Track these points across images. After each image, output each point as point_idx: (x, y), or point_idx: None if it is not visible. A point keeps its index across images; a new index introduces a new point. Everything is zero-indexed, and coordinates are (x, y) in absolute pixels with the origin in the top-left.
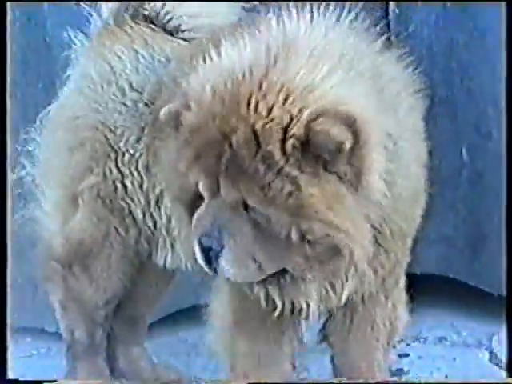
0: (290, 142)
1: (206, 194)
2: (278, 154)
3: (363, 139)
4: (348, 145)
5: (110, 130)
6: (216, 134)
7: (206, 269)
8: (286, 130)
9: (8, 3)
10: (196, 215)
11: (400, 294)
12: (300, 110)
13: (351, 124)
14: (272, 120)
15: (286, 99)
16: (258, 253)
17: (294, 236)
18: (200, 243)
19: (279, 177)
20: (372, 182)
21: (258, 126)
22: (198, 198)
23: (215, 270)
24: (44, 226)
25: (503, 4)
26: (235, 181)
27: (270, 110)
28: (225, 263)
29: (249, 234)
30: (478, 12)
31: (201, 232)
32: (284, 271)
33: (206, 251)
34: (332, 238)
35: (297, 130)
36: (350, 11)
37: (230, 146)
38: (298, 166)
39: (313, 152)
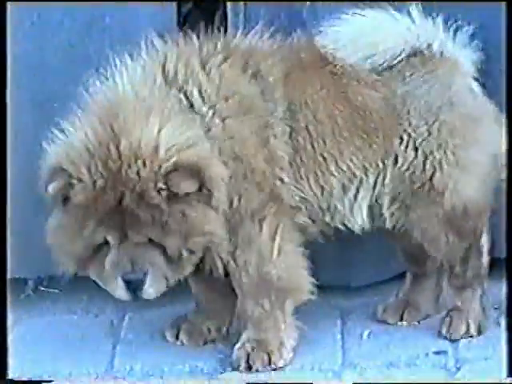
0: (164, 193)
1: (115, 243)
2: (161, 202)
3: (207, 177)
4: (194, 189)
5: None
6: (110, 203)
7: (127, 298)
8: (156, 184)
9: (8, 3)
10: (110, 261)
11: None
12: (159, 167)
13: (197, 174)
14: (144, 181)
15: (144, 163)
16: (167, 272)
17: (185, 253)
18: (124, 280)
19: (170, 215)
20: (219, 197)
21: (138, 189)
22: (97, 251)
23: (136, 297)
24: None
25: (503, 4)
26: (139, 227)
27: (138, 174)
28: (147, 287)
29: (159, 260)
30: None
31: (123, 271)
32: None
33: (132, 284)
34: (207, 242)
35: (162, 183)
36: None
37: (125, 206)
38: (178, 204)
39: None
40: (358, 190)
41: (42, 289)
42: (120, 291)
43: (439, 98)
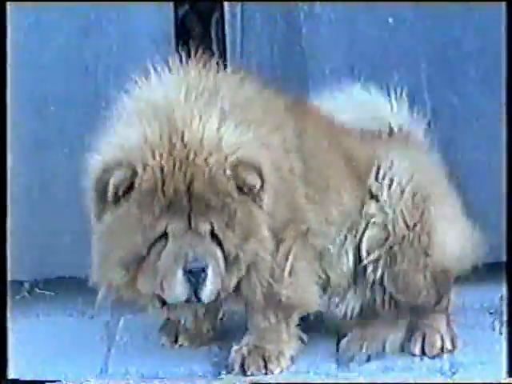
0: (232, 182)
1: (176, 233)
2: (231, 189)
3: (265, 178)
4: (258, 185)
5: None
6: (179, 188)
7: (186, 296)
8: (225, 171)
9: (8, 3)
10: (171, 251)
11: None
12: (225, 158)
13: (259, 171)
14: (213, 167)
15: (210, 154)
16: (223, 272)
17: (241, 254)
18: (186, 271)
19: (239, 205)
20: (267, 204)
21: (207, 174)
22: (153, 247)
23: (195, 293)
24: None
25: (503, 4)
26: (207, 213)
27: (206, 162)
28: (209, 283)
29: (219, 256)
30: None
31: (186, 260)
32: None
33: (194, 277)
34: (258, 250)
35: (230, 172)
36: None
37: (194, 191)
38: (245, 197)
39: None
40: (345, 236)
41: (38, 291)
42: (179, 288)
43: (411, 165)
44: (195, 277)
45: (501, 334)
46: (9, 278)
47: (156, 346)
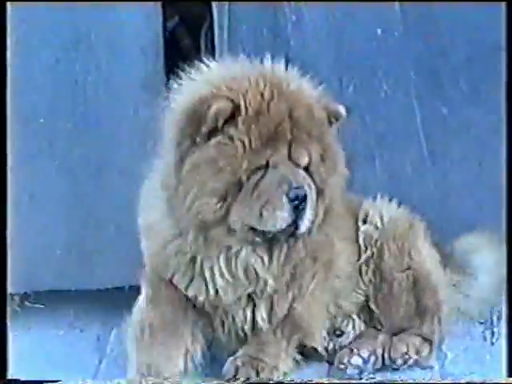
0: (325, 114)
1: (280, 162)
2: (326, 120)
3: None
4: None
5: None
6: (281, 114)
7: (290, 221)
8: (319, 102)
9: (8, 3)
10: (274, 179)
11: None
12: (311, 91)
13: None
14: (309, 98)
15: (301, 84)
16: (314, 200)
17: (326, 188)
18: (289, 197)
19: (331, 137)
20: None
21: (305, 103)
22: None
23: (295, 221)
24: None
25: (503, 4)
26: (306, 144)
27: (300, 89)
28: (308, 210)
29: (312, 186)
30: None
31: (289, 187)
32: None
33: (298, 201)
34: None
35: (322, 105)
36: None
37: (295, 118)
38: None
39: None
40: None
41: (29, 304)
42: (284, 213)
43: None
44: (298, 203)
45: (492, 344)
46: None
47: None
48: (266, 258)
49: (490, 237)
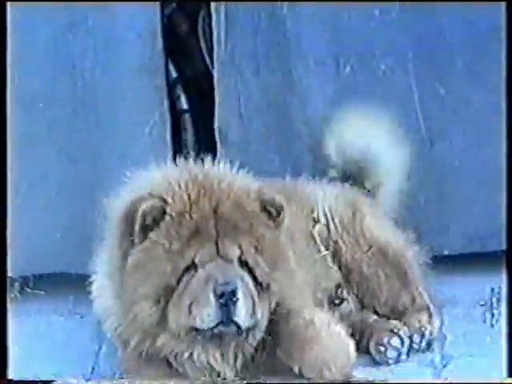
0: (258, 203)
1: (207, 260)
2: (257, 210)
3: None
4: (284, 205)
5: None
6: (206, 212)
7: (218, 318)
8: (249, 195)
9: (8, 3)
10: (201, 277)
11: None
12: (247, 185)
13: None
14: (238, 191)
15: (233, 180)
16: (254, 295)
17: (272, 284)
18: (216, 294)
19: (266, 226)
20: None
21: (233, 197)
22: (181, 277)
23: (227, 316)
24: None
25: (503, 4)
26: (233, 237)
27: (231, 187)
28: (240, 304)
29: (248, 279)
30: None
31: (214, 284)
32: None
33: (225, 298)
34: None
35: (255, 195)
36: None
37: (220, 214)
38: (271, 221)
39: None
40: None
41: (28, 290)
42: (212, 311)
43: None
44: (226, 299)
45: (492, 326)
46: None
47: None
48: (217, 354)
49: None
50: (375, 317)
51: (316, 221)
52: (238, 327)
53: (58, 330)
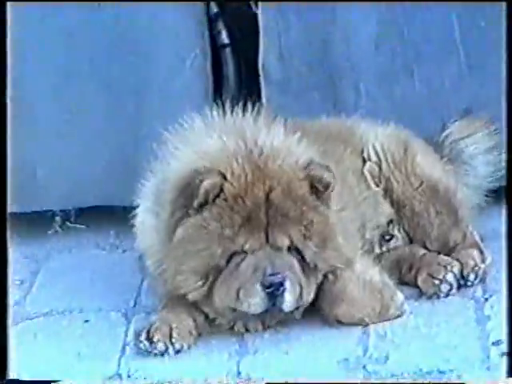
0: (307, 183)
1: (257, 247)
2: (306, 194)
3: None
4: (332, 182)
5: None
6: (258, 198)
7: (264, 307)
8: (298, 175)
9: (8, 3)
10: (249, 265)
11: None
12: (296, 162)
13: (330, 170)
14: (288, 172)
15: (284, 158)
16: (302, 280)
17: (320, 264)
18: (264, 285)
19: (315, 211)
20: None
21: (284, 180)
22: (230, 260)
23: (274, 304)
24: None
25: (503, 4)
26: (283, 227)
27: (281, 168)
28: (288, 293)
29: (297, 268)
30: None
31: (264, 273)
32: None
33: (272, 288)
34: (336, 260)
35: (304, 174)
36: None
37: (272, 200)
38: (320, 202)
39: (316, 189)
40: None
41: (70, 224)
42: (258, 300)
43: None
44: (273, 291)
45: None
46: (40, 208)
47: None
48: (259, 326)
49: (483, 121)
50: (425, 251)
51: (367, 159)
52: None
53: (99, 264)
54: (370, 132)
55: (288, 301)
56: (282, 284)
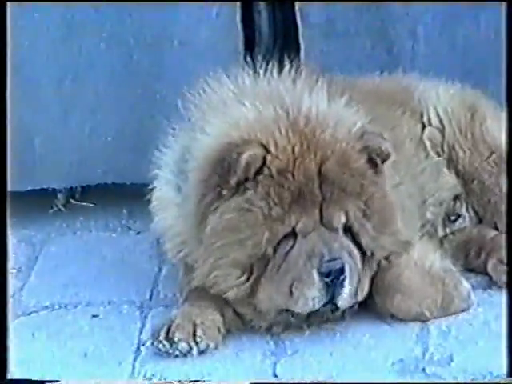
0: (365, 156)
1: (310, 228)
2: (364, 166)
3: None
4: (391, 153)
5: None
6: (310, 171)
7: (323, 299)
8: (354, 145)
9: (8, 3)
10: (302, 250)
11: None
12: (349, 131)
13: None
14: (343, 141)
15: (335, 126)
16: (360, 271)
17: (376, 251)
18: (322, 272)
19: (375, 187)
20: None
21: (338, 150)
22: (278, 247)
23: (332, 298)
24: None
25: (503, 4)
26: (340, 203)
27: (334, 137)
28: (347, 284)
29: (356, 254)
30: None
31: (320, 260)
32: None
33: (331, 277)
34: (392, 245)
35: (361, 145)
36: None
37: (325, 173)
38: (379, 175)
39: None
40: None
41: (74, 202)
42: (316, 292)
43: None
44: (333, 279)
45: None
46: (41, 185)
47: None
48: (305, 325)
49: None
50: (496, 232)
51: (427, 124)
52: (336, 307)
53: (109, 248)
54: (431, 92)
55: (346, 293)
56: (342, 271)
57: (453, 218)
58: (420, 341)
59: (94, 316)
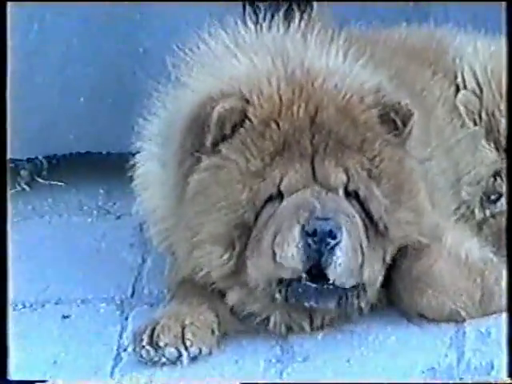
0: (376, 111)
1: (297, 186)
2: (373, 120)
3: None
4: (414, 112)
5: None
6: (299, 120)
7: (301, 263)
8: (362, 98)
9: (8, 3)
10: (290, 204)
11: None
12: (361, 84)
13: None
14: (347, 91)
15: (342, 79)
16: (363, 243)
17: (390, 224)
18: (303, 228)
19: (386, 146)
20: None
21: (340, 100)
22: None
23: (317, 265)
24: None
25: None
26: (337, 156)
27: (336, 87)
28: (340, 252)
29: (358, 221)
30: None
31: (308, 215)
32: None
33: (318, 237)
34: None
35: (371, 99)
36: None
37: (321, 123)
38: (392, 134)
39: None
40: None
41: (41, 181)
42: (293, 248)
43: None
44: (320, 242)
45: None
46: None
47: None
48: (305, 322)
49: None
50: None
51: (462, 87)
52: (335, 286)
53: (83, 235)
54: (468, 48)
55: (339, 265)
56: (332, 234)
57: (493, 197)
58: (454, 345)
59: (64, 317)
